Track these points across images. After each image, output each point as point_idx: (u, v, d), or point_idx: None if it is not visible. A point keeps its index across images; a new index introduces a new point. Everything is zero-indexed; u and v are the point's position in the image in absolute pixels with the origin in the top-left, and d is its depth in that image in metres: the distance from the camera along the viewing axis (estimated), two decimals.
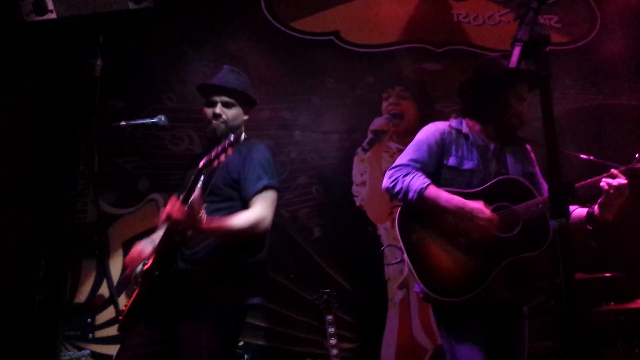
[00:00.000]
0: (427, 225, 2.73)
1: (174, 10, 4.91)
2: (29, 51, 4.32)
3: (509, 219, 2.66)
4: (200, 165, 2.51)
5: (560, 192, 1.51)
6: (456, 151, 2.84)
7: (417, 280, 2.65)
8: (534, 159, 3.03)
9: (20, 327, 3.52)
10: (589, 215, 2.72)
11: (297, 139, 5.09)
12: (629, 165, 2.65)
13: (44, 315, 3.42)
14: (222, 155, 2.47)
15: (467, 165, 2.81)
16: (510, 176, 2.80)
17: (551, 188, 1.52)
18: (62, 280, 4.05)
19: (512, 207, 2.67)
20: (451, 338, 2.70)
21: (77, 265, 4.54)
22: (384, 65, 5.40)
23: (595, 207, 2.69)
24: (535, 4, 1.61)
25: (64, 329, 4.29)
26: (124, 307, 2.75)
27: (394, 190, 2.75)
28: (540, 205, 2.65)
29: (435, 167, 2.82)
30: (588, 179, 2.66)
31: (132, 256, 2.85)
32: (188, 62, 4.94)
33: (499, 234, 2.65)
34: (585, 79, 5.62)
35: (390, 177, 2.78)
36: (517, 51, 1.56)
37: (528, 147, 3.04)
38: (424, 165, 2.79)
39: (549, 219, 2.70)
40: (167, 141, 4.93)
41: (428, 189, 2.68)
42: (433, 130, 2.89)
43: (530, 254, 2.66)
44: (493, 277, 2.61)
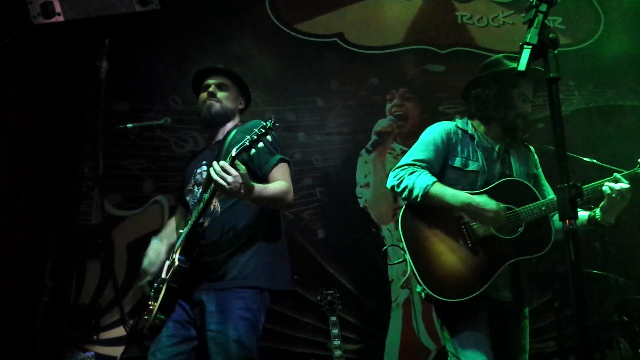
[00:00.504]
0: (429, 226, 2.74)
1: (179, 12, 4.92)
2: (35, 53, 4.34)
3: (512, 221, 2.68)
4: (234, 153, 2.49)
5: (569, 194, 1.52)
6: (462, 152, 2.85)
7: (419, 280, 2.66)
8: (537, 160, 3.05)
9: (26, 328, 3.53)
10: (591, 219, 2.74)
11: (301, 140, 5.10)
12: (631, 170, 2.68)
13: (50, 317, 3.43)
14: (261, 138, 2.46)
15: (472, 166, 2.82)
16: (514, 178, 2.82)
17: (560, 190, 1.53)
18: (68, 282, 4.06)
19: (515, 208, 2.69)
20: (454, 339, 2.71)
21: (81, 267, 4.56)
22: (388, 67, 5.41)
23: (597, 211, 2.70)
24: (544, 8, 1.62)
25: (69, 331, 4.30)
26: (151, 307, 2.78)
27: (399, 188, 2.76)
28: (544, 208, 2.67)
29: (440, 166, 2.83)
30: (591, 182, 2.67)
31: (151, 259, 2.92)
32: (193, 64, 4.92)
33: (501, 236, 2.66)
34: (589, 80, 5.63)
35: (396, 176, 2.80)
36: (526, 54, 1.56)
37: (532, 148, 3.06)
38: (429, 165, 2.80)
39: (551, 221, 2.72)
40: (172, 143, 4.95)
41: (434, 185, 2.70)
42: (440, 129, 2.90)
43: (532, 256, 2.68)
44: (494, 278, 2.63)
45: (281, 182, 2.80)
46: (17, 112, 4.22)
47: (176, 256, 2.74)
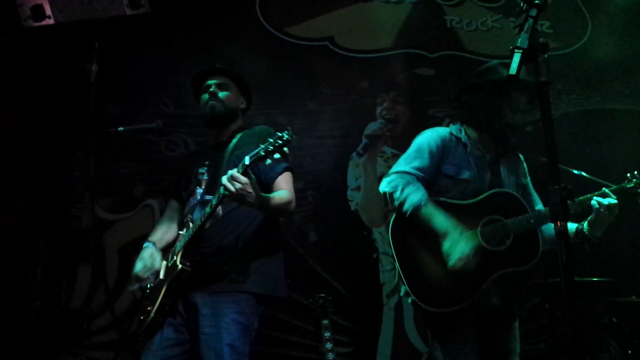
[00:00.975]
0: (420, 235, 2.73)
1: (169, 15, 4.93)
2: (25, 57, 4.32)
3: (500, 233, 2.69)
4: (248, 161, 2.49)
5: (560, 196, 1.54)
6: (454, 160, 2.85)
7: (408, 289, 2.67)
8: (527, 169, 3.06)
9: (18, 332, 3.50)
10: (578, 232, 2.75)
11: (292, 144, 5.08)
12: (620, 185, 2.70)
13: (41, 321, 3.41)
14: (278, 150, 2.47)
15: (464, 175, 2.82)
16: (504, 190, 2.82)
17: (552, 192, 1.55)
18: (59, 286, 4.05)
19: (504, 220, 2.70)
20: (441, 347, 2.71)
21: (72, 271, 4.54)
22: (378, 71, 5.43)
23: (585, 224, 2.72)
24: (534, 12, 1.64)
25: (60, 335, 4.28)
26: (148, 308, 2.78)
27: (392, 197, 2.76)
28: (532, 221, 2.68)
29: (434, 173, 2.83)
30: (579, 196, 2.69)
31: (147, 264, 2.92)
32: (184, 68, 4.94)
33: (490, 248, 2.66)
34: (576, 83, 5.68)
35: (390, 183, 2.78)
36: (517, 58, 1.58)
37: (521, 157, 3.07)
38: (424, 173, 2.80)
39: (539, 233, 2.73)
40: (163, 147, 4.93)
41: (424, 206, 2.68)
42: (435, 136, 2.90)
43: (519, 268, 2.68)
44: (483, 288, 2.63)
45: (285, 191, 2.82)
46: (7, 115, 4.20)
47: (178, 258, 2.74)
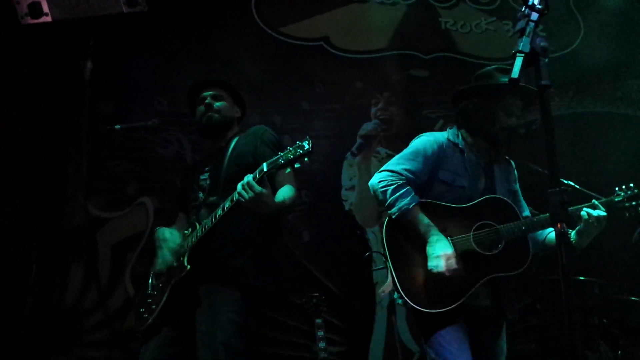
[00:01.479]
0: (412, 237, 2.75)
1: (165, 14, 4.91)
2: (19, 54, 4.30)
3: (492, 238, 2.72)
4: (266, 168, 2.53)
5: (560, 198, 1.56)
6: (451, 166, 2.86)
7: (399, 289, 2.68)
8: (517, 176, 3.09)
9: (12, 330, 3.49)
10: None
11: (286, 143, 5.09)
12: (609, 198, 2.74)
13: (35, 319, 3.40)
14: (302, 159, 2.48)
15: (460, 182, 2.84)
16: (497, 196, 2.85)
17: (552, 194, 1.57)
18: (52, 284, 4.03)
19: (496, 226, 2.73)
20: (434, 347, 2.72)
21: (65, 269, 4.52)
22: (373, 71, 5.44)
23: (572, 233, 2.74)
24: (535, 17, 1.66)
25: (52, 333, 4.26)
26: (153, 307, 2.78)
27: (381, 197, 2.78)
28: (524, 227, 2.72)
29: (427, 177, 2.84)
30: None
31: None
32: (178, 66, 4.95)
33: (481, 252, 2.70)
34: (568, 87, 5.73)
35: (381, 182, 2.80)
36: (519, 62, 1.60)
37: (512, 163, 3.10)
38: (416, 177, 2.80)
39: (529, 239, 2.77)
40: (157, 145, 4.93)
41: (411, 210, 2.71)
42: (432, 141, 2.90)
43: (510, 273, 2.71)
44: (472, 291, 2.66)
45: (290, 187, 2.87)
46: (1, 114, 4.18)
47: (185, 259, 2.76)
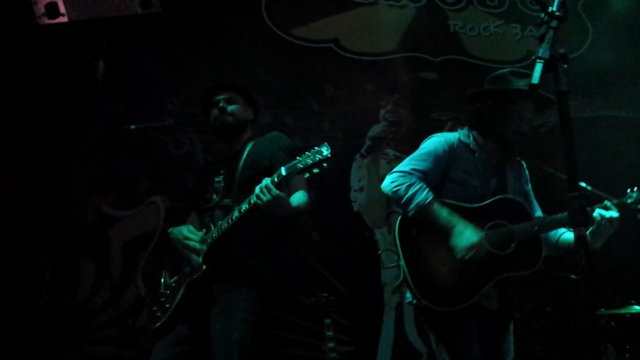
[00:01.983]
0: (425, 236, 2.79)
1: (176, 16, 4.95)
2: (34, 53, 4.34)
3: (505, 238, 2.75)
4: (285, 172, 2.57)
5: (580, 202, 1.59)
6: (463, 166, 2.90)
7: (412, 286, 2.72)
8: (528, 176, 3.12)
9: (27, 327, 3.53)
10: None
11: (297, 144, 5.14)
12: (621, 200, 2.75)
13: (49, 316, 3.44)
14: (321, 164, 2.51)
15: (471, 181, 2.88)
16: (509, 196, 2.89)
17: (572, 198, 1.60)
18: (64, 281, 4.07)
19: (509, 226, 2.76)
20: (445, 346, 2.77)
21: (77, 267, 4.56)
22: (382, 74, 5.46)
23: (586, 234, 2.77)
24: (554, 24, 1.70)
25: (64, 330, 4.30)
26: (167, 306, 2.80)
27: (396, 196, 2.80)
28: (536, 228, 2.75)
29: (438, 178, 2.88)
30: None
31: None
32: (190, 67, 4.99)
33: (494, 251, 2.73)
34: (576, 91, 5.73)
35: (393, 182, 2.83)
36: (539, 68, 1.64)
37: (524, 164, 3.12)
38: (426, 176, 2.84)
39: (542, 239, 2.80)
40: (169, 144, 4.96)
41: (430, 204, 2.74)
42: (443, 141, 2.94)
43: (522, 273, 2.75)
44: (485, 290, 2.70)
45: (303, 192, 2.92)
46: (14, 112, 4.22)
47: (200, 258, 2.79)
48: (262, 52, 5.17)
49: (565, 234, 2.90)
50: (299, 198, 2.87)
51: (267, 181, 2.57)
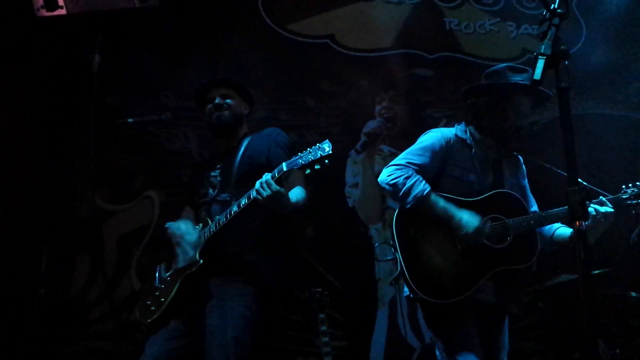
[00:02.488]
0: (422, 229, 2.82)
1: (173, 10, 4.93)
2: (28, 47, 4.32)
3: (501, 232, 2.78)
4: (286, 168, 2.57)
5: (579, 196, 1.61)
6: (460, 162, 2.92)
7: (408, 279, 2.74)
8: (525, 171, 3.15)
9: (23, 321, 3.52)
10: (572, 237, 2.82)
11: (292, 140, 5.14)
12: (616, 195, 2.80)
13: (45, 310, 3.43)
14: (322, 161, 2.50)
15: (468, 177, 2.91)
16: (506, 190, 2.92)
17: (571, 193, 1.62)
18: (62, 275, 4.06)
19: (505, 220, 2.79)
20: (444, 339, 2.79)
21: (71, 261, 4.55)
22: (378, 70, 5.46)
23: None
24: (556, 21, 1.71)
25: (59, 324, 4.29)
26: (162, 300, 2.79)
27: (394, 188, 2.82)
28: (532, 222, 2.78)
29: (434, 173, 2.90)
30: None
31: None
32: (186, 62, 4.97)
33: (490, 244, 2.76)
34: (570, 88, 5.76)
35: (390, 175, 2.85)
36: (541, 64, 1.66)
37: (521, 159, 3.15)
38: (423, 171, 2.86)
39: (537, 234, 2.84)
40: (164, 139, 4.96)
41: (428, 195, 2.77)
42: (439, 137, 2.96)
43: (517, 266, 2.79)
44: (481, 283, 2.73)
45: (301, 189, 2.93)
46: (10, 106, 4.20)
47: (197, 253, 2.77)
48: (258, 47, 5.15)
49: (560, 229, 2.93)
50: (297, 194, 2.88)
51: (267, 176, 2.57)
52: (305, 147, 4.76)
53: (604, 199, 2.78)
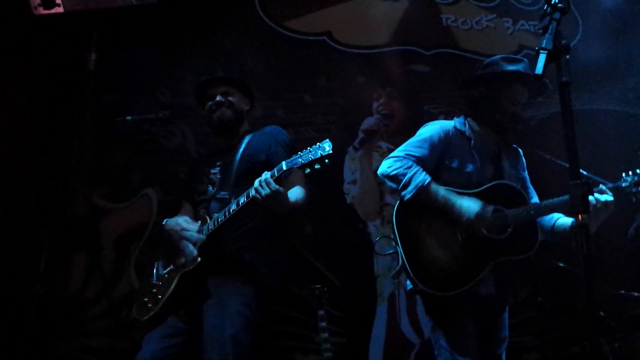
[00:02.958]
0: (422, 221, 2.83)
1: (169, 7, 4.92)
2: (24, 45, 4.30)
3: (501, 222, 2.79)
4: (286, 167, 2.55)
5: (581, 190, 1.62)
6: (459, 154, 2.94)
7: (408, 270, 2.74)
8: (525, 163, 3.16)
9: (21, 319, 3.52)
10: (574, 226, 2.84)
11: (290, 136, 5.14)
12: (616, 184, 2.79)
13: (44, 308, 3.43)
14: (323, 161, 2.49)
15: (468, 168, 2.92)
16: (505, 182, 2.93)
17: (573, 186, 1.63)
18: (60, 273, 4.05)
19: (505, 211, 2.80)
20: (443, 332, 2.79)
21: (69, 259, 4.54)
22: (375, 66, 5.46)
23: None
24: (557, 15, 1.72)
25: (56, 322, 4.28)
26: (159, 297, 2.78)
27: (395, 180, 2.84)
28: (532, 212, 2.79)
29: (433, 165, 2.91)
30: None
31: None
32: (182, 59, 4.96)
33: (491, 235, 2.77)
34: None
35: (390, 167, 2.86)
36: (542, 58, 1.66)
37: (520, 151, 3.17)
38: (422, 163, 2.87)
39: (538, 224, 2.85)
40: (161, 136, 4.95)
41: (428, 184, 2.78)
42: (438, 129, 2.98)
43: (518, 257, 2.80)
44: (483, 274, 2.73)
45: (301, 189, 2.92)
46: (8, 105, 4.19)
47: (196, 250, 2.76)
48: (255, 44, 5.16)
49: (560, 219, 2.94)
50: (296, 194, 2.86)
51: (266, 175, 2.56)
52: (302, 144, 4.77)
53: (604, 187, 2.78)
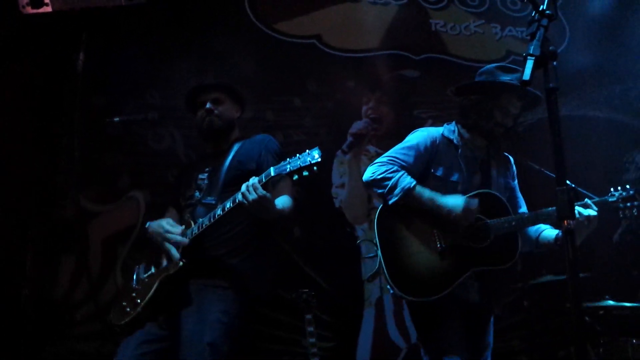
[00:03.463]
0: (404, 227, 2.85)
1: (159, 8, 4.90)
2: (16, 46, 4.27)
3: (482, 232, 2.81)
4: (274, 173, 2.51)
5: (567, 196, 1.63)
6: (445, 162, 2.94)
7: (387, 277, 2.76)
8: (515, 172, 3.17)
9: (7, 322, 3.48)
10: (557, 238, 2.87)
11: (278, 140, 5.13)
12: (603, 198, 2.82)
13: (30, 311, 3.39)
14: (311, 168, 2.45)
15: (453, 177, 2.93)
16: (490, 191, 2.93)
17: (559, 192, 1.64)
18: (46, 275, 4.01)
19: (487, 221, 2.82)
20: (429, 338, 2.82)
21: (55, 261, 4.49)
22: (364, 70, 5.49)
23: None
24: (545, 22, 1.73)
25: (43, 325, 4.24)
26: (138, 301, 2.75)
27: (380, 184, 2.84)
28: (514, 223, 2.81)
29: (418, 173, 2.91)
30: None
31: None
32: (172, 61, 4.94)
33: (470, 244, 2.78)
34: None
35: (375, 172, 2.87)
36: (530, 65, 1.67)
37: (511, 159, 3.17)
38: (406, 169, 2.88)
39: (519, 236, 2.86)
40: (149, 138, 4.92)
41: (413, 189, 2.79)
42: (425, 136, 2.98)
43: (496, 267, 2.81)
44: (459, 282, 2.75)
45: (287, 197, 2.90)
46: (1, 108, 4.15)
47: (177, 253, 2.73)
48: (245, 47, 5.13)
49: (545, 231, 2.96)
50: (283, 202, 2.84)
51: (254, 180, 2.54)
52: (291, 147, 4.77)
53: (590, 201, 2.80)
